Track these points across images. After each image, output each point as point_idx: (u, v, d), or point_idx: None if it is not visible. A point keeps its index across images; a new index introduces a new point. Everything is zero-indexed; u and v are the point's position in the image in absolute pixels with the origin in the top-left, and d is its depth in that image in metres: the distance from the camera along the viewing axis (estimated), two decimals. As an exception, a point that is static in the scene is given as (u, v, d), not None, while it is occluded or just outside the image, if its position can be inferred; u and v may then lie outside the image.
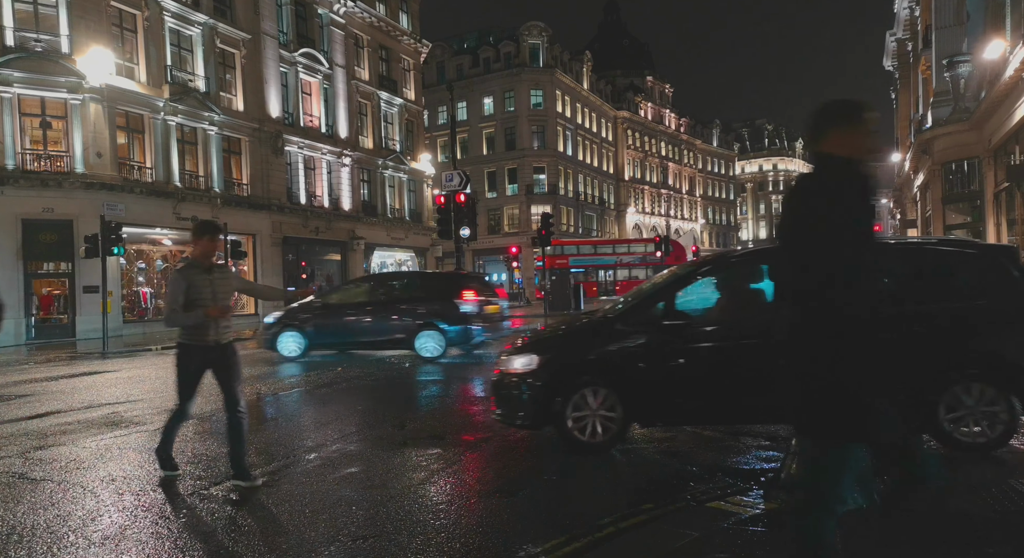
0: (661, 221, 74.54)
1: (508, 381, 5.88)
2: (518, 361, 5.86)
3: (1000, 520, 3.74)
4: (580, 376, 5.65)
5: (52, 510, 4.60)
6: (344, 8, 34.64)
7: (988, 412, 5.14)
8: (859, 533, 3.45)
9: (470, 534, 4.01)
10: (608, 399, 5.57)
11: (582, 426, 5.58)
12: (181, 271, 5.02)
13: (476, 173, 53.32)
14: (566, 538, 3.81)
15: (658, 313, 5.76)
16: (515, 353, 5.99)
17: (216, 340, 5.05)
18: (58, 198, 22.25)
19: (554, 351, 5.96)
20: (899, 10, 36.15)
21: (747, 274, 6.30)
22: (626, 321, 5.83)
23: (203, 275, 5.02)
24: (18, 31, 22.00)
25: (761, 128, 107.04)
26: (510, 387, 5.85)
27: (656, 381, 5.58)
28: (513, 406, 5.84)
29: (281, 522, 4.33)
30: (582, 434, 5.57)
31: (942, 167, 26.31)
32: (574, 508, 4.37)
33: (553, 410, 5.59)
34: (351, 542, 3.92)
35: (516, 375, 5.81)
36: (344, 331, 13.74)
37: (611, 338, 5.77)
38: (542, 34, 56.90)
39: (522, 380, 5.76)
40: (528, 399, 5.73)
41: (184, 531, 4.17)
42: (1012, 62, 16.25)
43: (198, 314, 4.90)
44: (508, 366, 5.92)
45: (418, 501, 4.62)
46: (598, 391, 5.57)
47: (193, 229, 5.13)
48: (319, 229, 32.68)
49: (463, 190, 21.84)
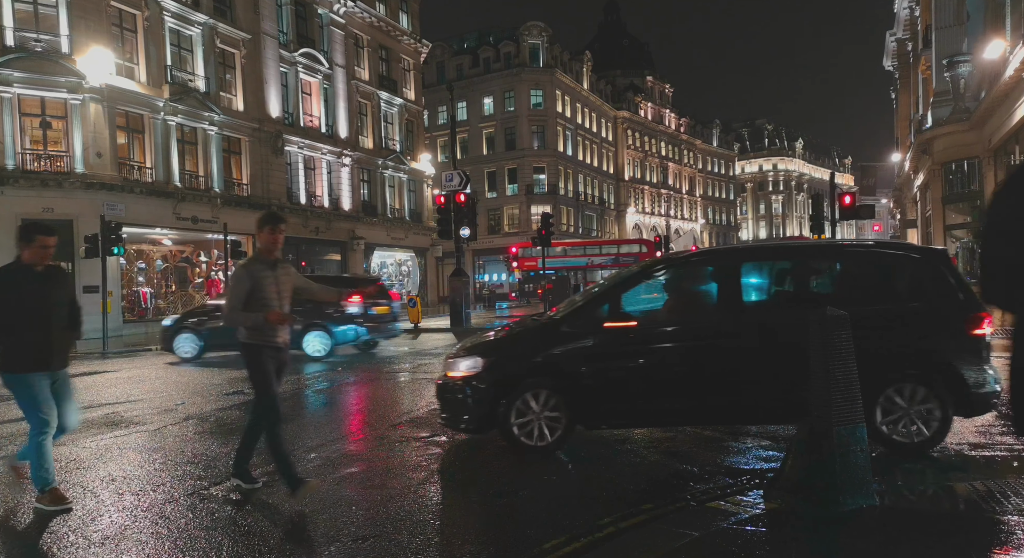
0: (661, 221, 74.52)
1: (453, 384, 5.78)
2: (463, 364, 5.77)
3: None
4: (524, 379, 5.57)
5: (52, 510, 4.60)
6: (344, 8, 34.64)
7: (923, 412, 5.23)
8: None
9: (470, 534, 4.01)
10: (552, 402, 5.52)
11: (527, 430, 5.52)
12: (246, 267, 4.69)
13: (476, 173, 53.32)
14: (566, 538, 3.81)
15: (603, 315, 5.72)
16: (460, 356, 5.90)
17: (284, 341, 4.79)
18: (58, 198, 22.25)
19: (498, 354, 5.87)
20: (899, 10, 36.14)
21: (698, 275, 6.28)
22: (572, 323, 5.76)
23: (269, 272, 4.71)
24: (18, 31, 22.00)
25: (761, 128, 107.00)
26: (455, 390, 5.75)
27: (600, 383, 5.54)
28: (457, 410, 5.74)
29: (281, 522, 4.33)
30: (528, 438, 5.51)
31: (942, 167, 26.30)
32: (574, 508, 4.37)
33: (498, 413, 5.51)
34: (351, 542, 3.92)
35: (461, 378, 5.72)
36: None
37: (556, 340, 5.71)
38: (542, 34, 56.89)
39: (466, 383, 5.66)
40: (472, 403, 5.63)
41: (184, 531, 4.17)
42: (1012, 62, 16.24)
43: (259, 317, 4.58)
44: (453, 369, 5.82)
45: (418, 501, 4.62)
46: (541, 394, 5.51)
47: (257, 221, 4.86)
48: (319, 229, 32.69)
49: (463, 190, 21.84)
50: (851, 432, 3.92)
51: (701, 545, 3.55)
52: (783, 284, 6.23)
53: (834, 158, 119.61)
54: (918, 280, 5.75)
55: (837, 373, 3.94)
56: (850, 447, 3.90)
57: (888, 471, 4.75)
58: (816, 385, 4.04)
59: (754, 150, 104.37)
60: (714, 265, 6.18)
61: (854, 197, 21.67)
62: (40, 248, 4.57)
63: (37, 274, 4.59)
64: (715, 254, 6.77)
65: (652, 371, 5.56)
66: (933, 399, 5.25)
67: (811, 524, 3.79)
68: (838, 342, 3.96)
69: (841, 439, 3.89)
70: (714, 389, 5.51)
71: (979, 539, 3.46)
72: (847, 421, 3.93)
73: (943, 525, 3.69)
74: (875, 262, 6.10)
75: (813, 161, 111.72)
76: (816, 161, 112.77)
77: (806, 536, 3.67)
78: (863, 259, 6.18)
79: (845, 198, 21.27)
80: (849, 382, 3.97)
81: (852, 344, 3.99)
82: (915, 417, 5.24)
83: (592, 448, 5.88)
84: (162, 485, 5.13)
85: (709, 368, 5.51)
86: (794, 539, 3.61)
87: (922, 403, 5.25)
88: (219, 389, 10.14)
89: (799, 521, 3.84)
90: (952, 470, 4.85)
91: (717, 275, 5.97)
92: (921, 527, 3.64)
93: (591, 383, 5.53)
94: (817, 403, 4.02)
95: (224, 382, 10.91)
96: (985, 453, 5.25)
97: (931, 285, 5.63)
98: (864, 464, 3.93)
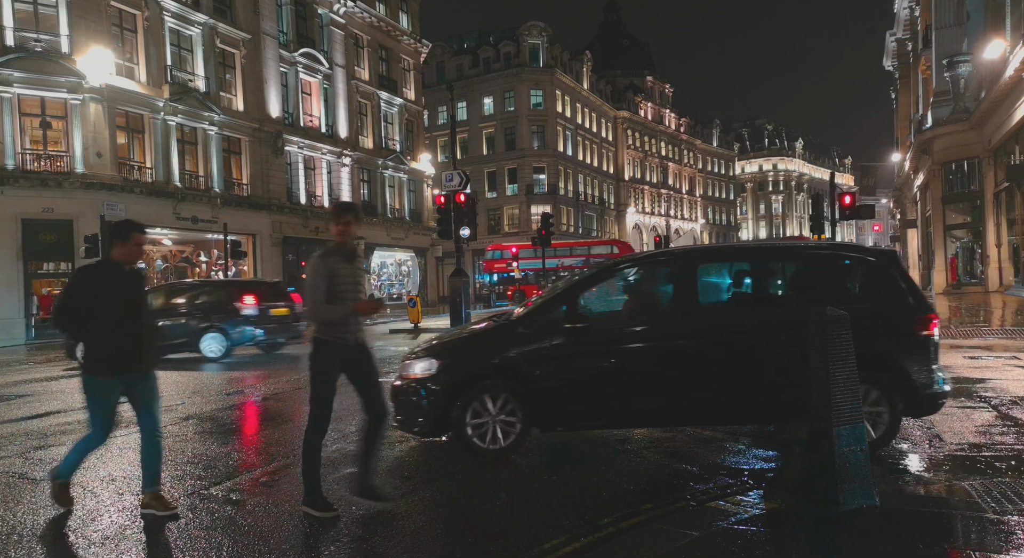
0: (661, 221, 74.53)
1: (407, 387, 5.66)
2: (417, 366, 5.67)
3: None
4: (480, 381, 5.48)
5: (52, 510, 4.60)
6: (344, 8, 34.65)
7: (873, 414, 5.19)
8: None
9: (470, 534, 4.01)
10: (508, 404, 5.44)
11: (482, 432, 5.43)
12: (323, 258, 4.41)
13: (476, 173, 53.33)
14: (566, 538, 3.81)
15: (560, 316, 5.65)
16: (415, 358, 5.81)
17: (355, 338, 4.48)
18: (58, 198, 22.26)
19: (453, 356, 5.79)
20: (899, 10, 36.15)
21: (655, 276, 6.25)
22: (528, 324, 5.70)
23: (346, 263, 4.43)
24: (18, 31, 22.02)
25: (761, 128, 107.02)
26: (409, 393, 5.64)
27: (556, 386, 5.49)
28: (412, 412, 5.62)
29: (281, 522, 4.33)
30: (482, 441, 5.42)
31: (942, 167, 26.31)
32: (574, 508, 4.37)
33: (452, 416, 5.42)
34: (351, 542, 3.92)
35: (415, 380, 5.62)
36: None
37: (512, 342, 5.65)
38: (542, 34, 56.92)
39: (421, 385, 5.57)
40: (427, 405, 5.53)
41: (184, 531, 4.17)
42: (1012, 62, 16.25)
43: (345, 308, 4.33)
44: (408, 371, 5.72)
45: (418, 501, 4.62)
46: (497, 396, 5.43)
47: (331, 211, 4.59)
48: (319, 229, 32.69)
49: (463, 190, 21.82)
50: (851, 432, 3.92)
51: (701, 545, 3.55)
52: (740, 285, 6.22)
53: (834, 158, 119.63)
54: (870, 282, 5.79)
55: (837, 373, 3.94)
56: (850, 447, 3.90)
57: (889, 471, 4.74)
58: (816, 385, 4.04)
59: (754, 150, 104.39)
60: (672, 266, 6.15)
61: (854, 197, 21.67)
62: (135, 247, 4.39)
63: (127, 273, 4.41)
64: (673, 255, 6.68)
65: (609, 372, 5.52)
66: (884, 401, 5.26)
67: (811, 524, 3.79)
68: (838, 342, 3.96)
69: (841, 439, 3.89)
70: (670, 391, 5.51)
71: (979, 539, 3.46)
72: (847, 421, 3.93)
73: (943, 525, 3.69)
74: (829, 264, 6.09)
75: (813, 161, 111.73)
76: (816, 161, 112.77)
77: (806, 536, 3.67)
78: (818, 261, 6.17)
79: (845, 198, 21.27)
80: (849, 382, 3.97)
81: (852, 344, 3.97)
82: (866, 419, 5.12)
83: (592, 448, 5.88)
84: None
85: (666, 370, 5.51)
86: (794, 539, 3.61)
87: (874, 405, 5.22)
88: (219, 389, 10.14)
89: (799, 521, 3.84)
90: (952, 470, 4.85)
91: (675, 276, 5.93)
92: (921, 527, 3.64)
93: (547, 385, 5.48)
94: (817, 403, 4.02)
95: (224, 382, 10.91)
96: (985, 453, 5.24)
97: (882, 287, 5.67)
98: (864, 464, 3.93)
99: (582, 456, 5.65)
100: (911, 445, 5.62)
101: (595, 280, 6.02)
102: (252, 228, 28.96)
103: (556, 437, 6.09)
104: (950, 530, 3.61)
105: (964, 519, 3.74)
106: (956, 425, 6.13)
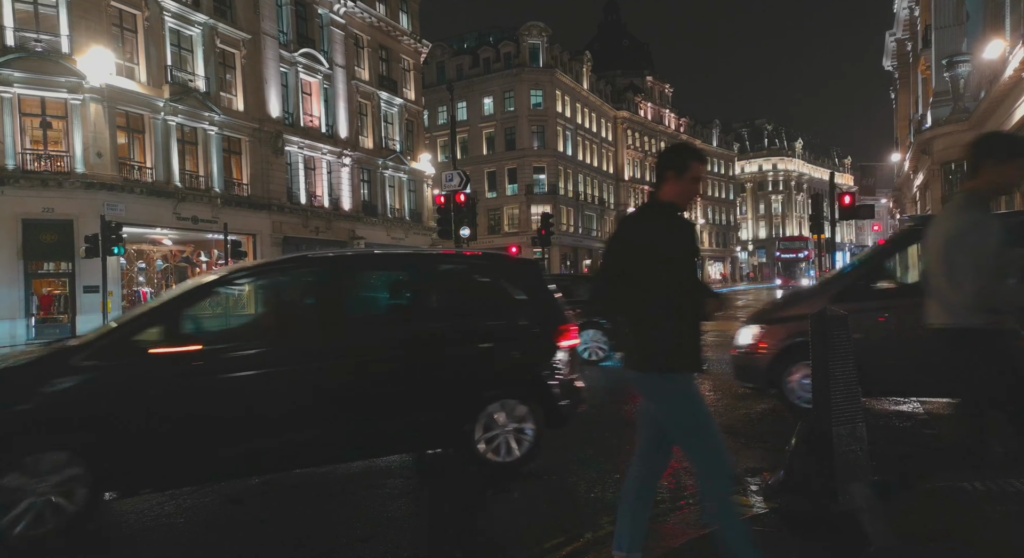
0: (661, 221, 74.52)
1: None
2: None
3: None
4: (28, 435, 4.01)
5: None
6: (344, 8, 34.65)
7: (518, 430, 5.11)
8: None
9: (470, 534, 4.02)
10: (69, 464, 4.01)
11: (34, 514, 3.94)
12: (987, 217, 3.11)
13: (476, 173, 53.31)
14: (566, 538, 3.82)
15: (147, 340, 4.39)
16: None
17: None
18: (58, 198, 22.26)
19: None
20: (899, 10, 36.16)
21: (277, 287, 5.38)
22: (93, 353, 4.30)
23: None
24: (18, 31, 22.01)
25: (761, 128, 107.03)
26: None
27: (138, 433, 4.18)
28: None
29: (281, 522, 4.33)
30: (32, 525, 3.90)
31: (942, 167, 26.31)
32: (574, 508, 4.37)
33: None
34: (351, 542, 3.93)
35: None
36: None
37: (68, 378, 4.18)
38: (542, 34, 56.91)
39: None
40: None
41: (184, 530, 4.17)
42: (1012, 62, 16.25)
43: None
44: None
45: (418, 501, 4.63)
46: (45, 455, 3.97)
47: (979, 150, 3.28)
48: (319, 229, 32.69)
49: (463, 190, 21.83)
50: (851, 432, 3.92)
51: (701, 545, 3.56)
52: (375, 299, 5.70)
53: (834, 158, 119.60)
54: (512, 293, 5.62)
55: (837, 372, 3.94)
56: (850, 446, 3.90)
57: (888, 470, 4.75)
58: (816, 385, 4.05)
59: (754, 150, 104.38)
60: (293, 275, 5.28)
61: (854, 197, 21.68)
62: (692, 181, 3.09)
63: (687, 223, 3.15)
64: (298, 263, 5.50)
65: (224, 408, 4.39)
66: (530, 416, 5.14)
67: (810, 524, 3.80)
68: (838, 341, 3.96)
69: (841, 439, 3.89)
70: (297, 424, 4.54)
71: (979, 539, 3.47)
72: (847, 421, 3.93)
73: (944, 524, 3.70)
74: (470, 274, 5.82)
75: (813, 161, 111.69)
76: (816, 161, 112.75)
77: (806, 536, 3.68)
78: (460, 271, 5.84)
79: (845, 198, 21.28)
80: (849, 382, 3.96)
81: (852, 344, 3.92)
82: (510, 435, 5.09)
83: (592, 448, 5.89)
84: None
85: (290, 401, 4.53)
86: (794, 539, 3.62)
87: (520, 421, 5.12)
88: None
89: (799, 521, 3.85)
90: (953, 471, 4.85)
91: (299, 288, 5.17)
92: (922, 527, 3.65)
93: (124, 434, 4.13)
94: (817, 403, 4.03)
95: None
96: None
97: (524, 297, 5.52)
98: (865, 464, 3.93)
99: (581, 456, 5.66)
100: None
101: (203, 293, 4.91)
102: (252, 228, 28.96)
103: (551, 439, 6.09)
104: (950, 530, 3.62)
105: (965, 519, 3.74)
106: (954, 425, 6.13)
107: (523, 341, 5.35)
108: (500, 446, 5.07)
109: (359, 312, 5.36)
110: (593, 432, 6.30)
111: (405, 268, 5.71)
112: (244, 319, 5.62)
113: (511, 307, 5.59)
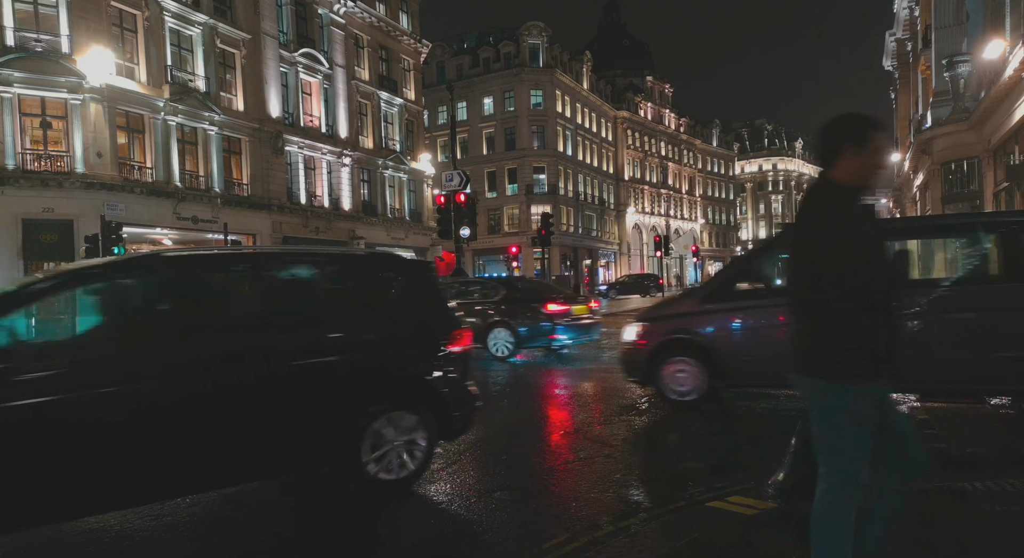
0: (661, 221, 74.51)
1: None
2: None
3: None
4: None
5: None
6: (344, 8, 34.66)
7: (410, 442, 4.80)
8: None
9: (470, 533, 4.02)
10: None
11: None
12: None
13: (476, 173, 53.32)
14: (566, 538, 3.82)
15: None
16: None
17: None
18: (58, 198, 22.26)
19: None
20: (899, 10, 36.16)
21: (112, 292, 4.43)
22: None
23: None
24: (18, 31, 22.01)
25: (761, 128, 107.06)
26: None
27: None
28: None
29: (281, 522, 4.34)
30: None
31: (942, 167, 26.32)
32: (574, 508, 4.37)
33: None
34: (351, 542, 3.93)
35: None
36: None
37: None
38: (542, 34, 56.91)
39: None
40: None
41: (185, 530, 4.17)
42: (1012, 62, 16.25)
43: None
44: None
45: (417, 500, 4.63)
46: None
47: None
48: (319, 229, 32.69)
49: (463, 190, 21.85)
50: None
51: (701, 545, 3.56)
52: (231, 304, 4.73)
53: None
54: (400, 296, 5.29)
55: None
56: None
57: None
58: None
59: (754, 150, 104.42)
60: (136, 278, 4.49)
61: (854, 197, 21.67)
62: (874, 154, 2.62)
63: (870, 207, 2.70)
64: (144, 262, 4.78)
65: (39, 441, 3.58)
66: (421, 427, 4.84)
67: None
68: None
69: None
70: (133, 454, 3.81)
71: (978, 537, 3.48)
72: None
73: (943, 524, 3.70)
74: (352, 276, 5.23)
75: (813, 161, 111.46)
76: (816, 161, 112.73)
77: (805, 536, 3.68)
78: (340, 273, 5.25)
79: (845, 198, 21.27)
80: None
81: None
82: (402, 449, 4.77)
83: (591, 448, 5.89)
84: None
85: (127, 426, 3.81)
86: (793, 539, 3.62)
87: (410, 432, 4.80)
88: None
89: (798, 521, 3.85)
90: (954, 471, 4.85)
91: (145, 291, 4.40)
92: (921, 526, 3.65)
93: None
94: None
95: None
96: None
97: (414, 302, 5.22)
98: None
99: (581, 456, 5.66)
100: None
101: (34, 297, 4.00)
102: (252, 228, 28.96)
103: (556, 437, 6.09)
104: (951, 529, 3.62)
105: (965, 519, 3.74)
106: (955, 426, 6.13)
107: (412, 347, 5.00)
108: (391, 462, 4.72)
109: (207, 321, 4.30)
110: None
111: (274, 268, 5.02)
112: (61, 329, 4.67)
113: (397, 312, 5.19)
